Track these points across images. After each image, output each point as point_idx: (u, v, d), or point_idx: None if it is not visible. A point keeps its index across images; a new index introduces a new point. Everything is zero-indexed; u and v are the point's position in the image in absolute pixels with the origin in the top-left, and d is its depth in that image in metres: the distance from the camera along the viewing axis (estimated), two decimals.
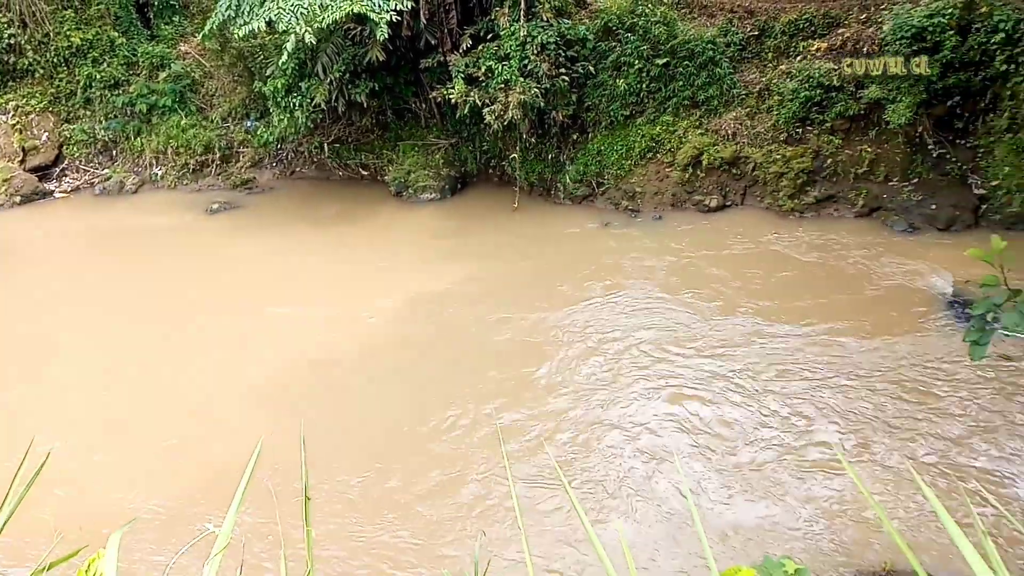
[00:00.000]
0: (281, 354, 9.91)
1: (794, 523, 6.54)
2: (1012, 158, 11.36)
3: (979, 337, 4.27)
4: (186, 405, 8.94)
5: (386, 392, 8.91)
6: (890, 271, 10.49)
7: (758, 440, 7.51)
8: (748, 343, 9.20)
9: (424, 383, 9.01)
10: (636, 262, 11.61)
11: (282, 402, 8.82)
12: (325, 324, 10.65)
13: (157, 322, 11.08)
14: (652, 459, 7.37)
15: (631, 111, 13.88)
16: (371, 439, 8.07)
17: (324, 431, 8.13)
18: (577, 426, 7.92)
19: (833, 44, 12.79)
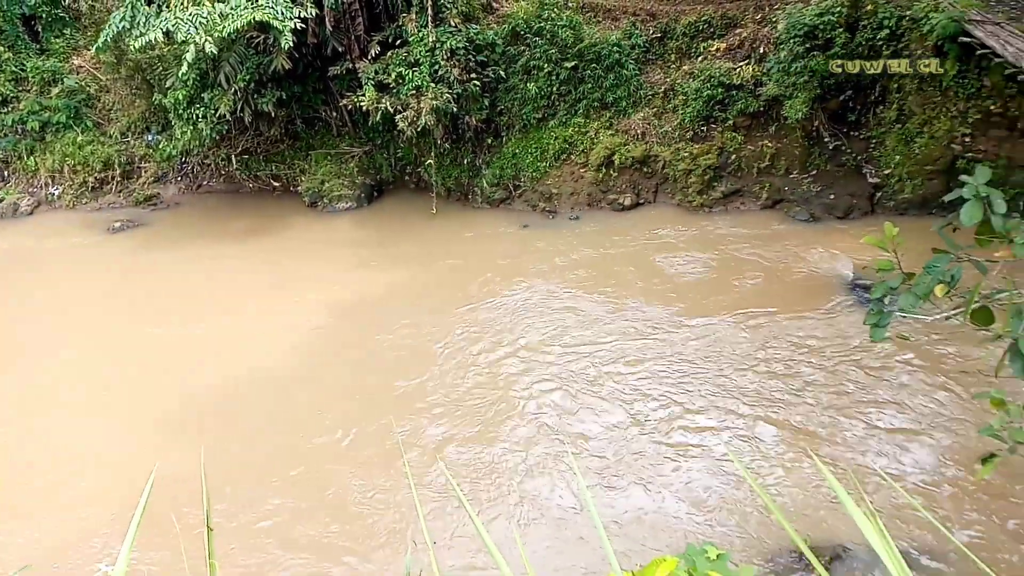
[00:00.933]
0: (191, 375, 9.56)
1: (713, 507, 6.74)
2: (902, 147, 12.03)
3: (878, 319, 4.47)
4: (88, 434, 8.52)
5: (297, 410, 8.65)
6: (794, 259, 10.96)
7: (660, 431, 7.70)
8: (657, 333, 9.44)
9: (336, 397, 8.83)
10: (553, 262, 11.74)
11: (190, 427, 8.49)
12: (238, 342, 10.34)
13: (56, 349, 10.52)
14: (545, 458, 7.48)
15: (543, 114, 14.04)
16: (280, 460, 7.80)
17: (233, 455, 7.86)
18: (480, 431, 7.94)
19: (731, 44, 13.28)
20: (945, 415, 7.35)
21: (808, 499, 6.69)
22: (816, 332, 9.07)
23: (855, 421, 7.50)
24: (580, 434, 7.78)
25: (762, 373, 8.45)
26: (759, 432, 7.57)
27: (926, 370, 7.99)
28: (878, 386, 7.94)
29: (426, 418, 8.22)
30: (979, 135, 11.49)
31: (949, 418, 7.30)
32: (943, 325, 6.19)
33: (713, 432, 7.62)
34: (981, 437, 3.93)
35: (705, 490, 6.91)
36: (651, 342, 9.30)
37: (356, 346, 9.95)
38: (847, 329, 8.98)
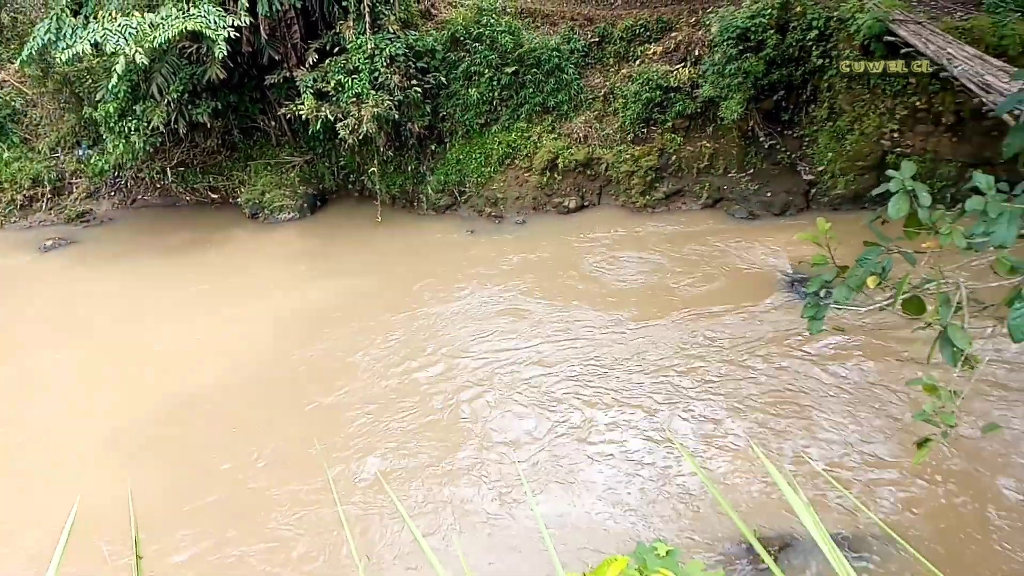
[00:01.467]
0: (125, 398, 9.23)
1: (661, 504, 6.82)
2: (833, 145, 12.42)
3: (815, 312, 4.57)
4: (15, 460, 8.18)
5: (235, 431, 8.41)
6: (735, 257, 11.20)
7: (602, 432, 7.77)
8: (599, 335, 9.53)
9: (274, 416, 8.62)
10: (498, 267, 11.74)
11: (123, 450, 8.21)
12: (177, 360, 10.03)
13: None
14: (479, 466, 7.49)
15: (486, 119, 14.06)
16: (213, 484, 7.58)
17: (166, 481, 7.60)
18: (418, 443, 7.89)
19: (667, 48, 13.52)
20: (881, 402, 7.60)
21: (756, 491, 6.83)
22: (756, 327, 9.28)
23: (796, 413, 7.69)
24: (515, 440, 7.79)
25: (704, 369, 8.60)
26: (704, 428, 7.70)
27: (863, 360, 8.25)
28: (817, 377, 8.16)
29: (368, 432, 8.08)
30: (906, 131, 11.94)
31: (885, 405, 7.54)
32: (877, 316, 6.38)
33: (657, 430, 7.71)
34: (916, 422, 4.06)
35: (650, 488, 6.99)
36: (592, 343, 9.37)
37: (299, 361, 9.74)
38: (786, 323, 9.21)
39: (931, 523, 6.25)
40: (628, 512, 6.78)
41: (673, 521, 6.64)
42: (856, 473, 6.84)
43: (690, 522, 6.62)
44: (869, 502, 6.45)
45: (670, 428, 7.73)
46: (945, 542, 6.07)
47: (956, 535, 6.10)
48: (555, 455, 7.49)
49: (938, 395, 3.70)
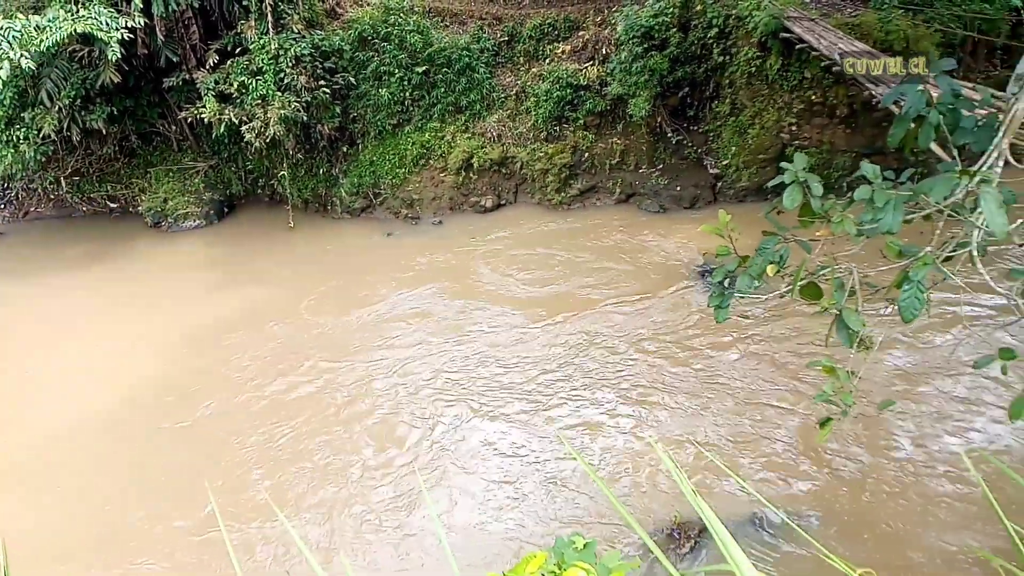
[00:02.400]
0: (18, 423, 8.68)
1: (580, 496, 6.90)
2: (736, 139, 12.86)
3: (720, 302, 4.70)
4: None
5: (115, 462, 7.97)
6: (648, 249, 11.45)
7: (509, 427, 7.83)
8: (513, 332, 9.59)
9: (168, 442, 8.22)
10: (416, 269, 11.63)
11: (17, 481, 7.73)
12: (71, 383, 9.46)
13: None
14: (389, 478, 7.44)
15: (398, 120, 13.89)
16: (91, 521, 7.21)
17: (43, 521, 7.20)
18: (326, 456, 7.76)
19: (576, 46, 13.70)
20: (784, 385, 7.91)
21: (670, 480, 6.98)
22: (666, 316, 9.51)
23: (704, 399, 7.91)
24: (415, 446, 7.72)
25: (614, 359, 8.74)
26: (614, 418, 7.82)
27: (767, 345, 8.56)
28: (724, 364, 8.42)
29: (261, 451, 7.85)
30: (804, 124, 12.47)
31: (788, 388, 7.85)
32: (779, 302, 6.64)
33: (569, 426, 7.80)
34: (817, 403, 4.23)
35: (570, 482, 7.06)
36: (501, 342, 9.39)
37: (197, 378, 9.32)
38: (694, 312, 9.48)
39: (833, 497, 6.54)
40: (543, 508, 6.82)
41: (598, 513, 6.73)
42: (761, 454, 7.08)
43: (631, 510, 6.71)
44: (779, 481, 6.70)
45: (576, 422, 7.81)
46: (847, 515, 6.36)
47: (858, 507, 6.40)
48: (458, 462, 7.46)
49: (836, 376, 3.86)
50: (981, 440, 6.77)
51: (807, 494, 6.59)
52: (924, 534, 5.99)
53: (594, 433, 7.64)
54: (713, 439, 7.36)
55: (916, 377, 7.57)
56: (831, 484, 6.65)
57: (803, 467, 6.82)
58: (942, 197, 3.44)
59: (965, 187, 3.51)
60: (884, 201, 3.55)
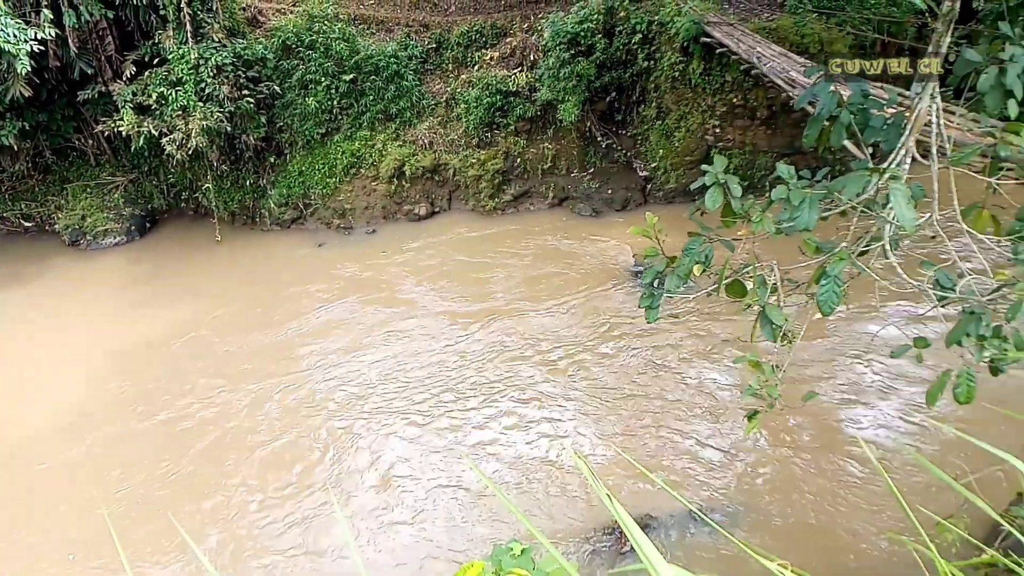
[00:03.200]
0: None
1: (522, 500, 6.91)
2: (663, 142, 13.12)
3: (650, 302, 4.77)
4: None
5: (16, 510, 7.57)
6: (581, 251, 11.57)
7: (443, 435, 7.82)
8: (443, 339, 9.56)
9: (71, 494, 7.71)
10: (349, 280, 11.46)
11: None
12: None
13: None
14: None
15: (327, 128, 13.67)
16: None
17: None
18: (244, 478, 7.61)
19: (504, 53, 13.76)
20: (713, 381, 8.10)
21: (613, 479, 7.06)
22: (598, 318, 9.63)
23: (632, 397, 8.04)
24: (338, 470, 7.63)
25: (544, 363, 8.80)
26: (539, 424, 7.85)
27: (695, 342, 8.76)
28: (656, 362, 8.57)
29: (175, 482, 7.59)
30: (727, 126, 12.83)
31: (717, 384, 8.05)
32: (707, 300, 6.78)
33: (488, 440, 7.81)
34: (745, 397, 4.33)
35: (486, 494, 7.07)
36: (436, 348, 9.36)
37: (113, 408, 8.93)
38: (626, 312, 9.61)
39: (756, 489, 6.72)
40: (461, 520, 6.80)
41: (553, 516, 6.74)
42: (688, 451, 7.23)
43: (564, 514, 6.73)
44: (705, 477, 6.85)
45: (499, 430, 7.83)
46: (769, 505, 6.54)
47: (779, 496, 6.59)
48: (429, 460, 7.39)
49: (762, 370, 3.96)
50: (899, 427, 7.07)
51: (731, 487, 6.75)
52: (841, 519, 6.20)
53: (523, 437, 7.65)
54: (641, 438, 7.46)
55: (837, 368, 7.87)
56: (754, 476, 6.84)
57: (728, 461, 6.99)
58: (854, 194, 3.57)
59: (875, 184, 3.66)
60: (800, 200, 3.67)
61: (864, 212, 3.87)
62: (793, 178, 3.81)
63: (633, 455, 7.30)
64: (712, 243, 4.13)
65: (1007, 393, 6.83)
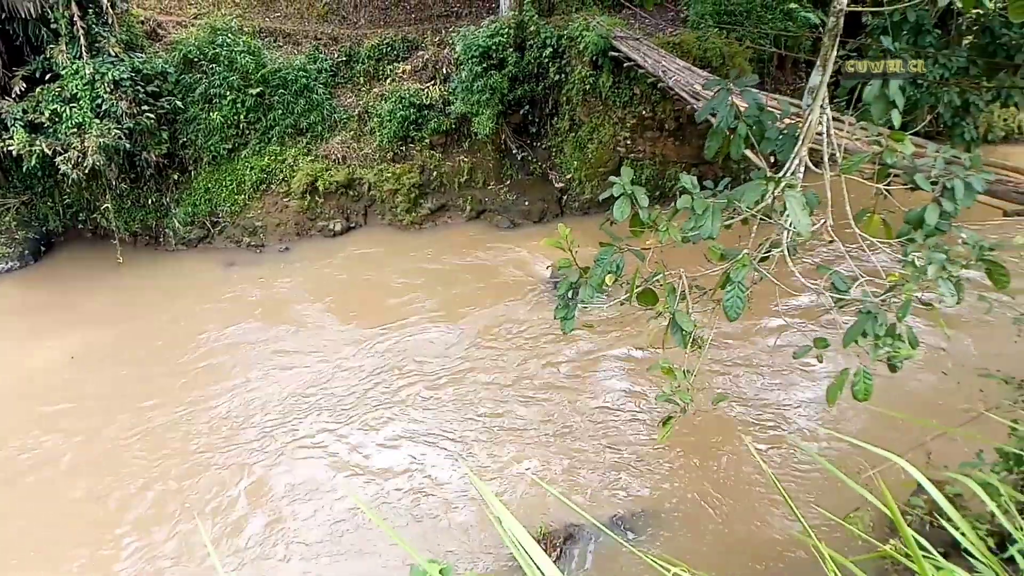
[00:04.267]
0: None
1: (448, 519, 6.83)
2: (577, 154, 13.34)
3: (565, 313, 4.80)
4: None
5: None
6: (499, 264, 11.60)
7: (344, 455, 7.68)
8: (357, 357, 9.40)
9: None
10: (261, 300, 11.09)
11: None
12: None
13: None
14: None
15: (234, 144, 13.25)
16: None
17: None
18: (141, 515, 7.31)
19: (416, 66, 13.71)
20: (627, 389, 8.23)
21: (534, 494, 7.06)
22: (515, 329, 9.66)
23: (550, 407, 8.09)
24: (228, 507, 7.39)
25: (453, 379, 8.75)
26: (452, 439, 7.79)
27: (610, 351, 8.89)
28: (570, 372, 8.64)
29: (63, 532, 7.17)
30: (637, 137, 13.16)
31: (631, 392, 8.18)
32: (620, 309, 6.91)
33: (420, 451, 7.73)
34: (658, 402, 4.40)
35: (425, 506, 6.98)
36: (339, 368, 9.16)
37: (18, 446, 8.37)
38: (542, 324, 9.67)
39: (664, 495, 6.85)
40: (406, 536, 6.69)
41: (463, 536, 6.67)
42: (608, 459, 7.32)
43: (478, 532, 6.68)
44: (629, 484, 6.94)
45: (430, 439, 7.75)
46: (677, 510, 6.68)
47: (687, 501, 6.75)
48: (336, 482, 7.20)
49: (674, 376, 4.03)
50: (805, 425, 7.37)
51: (646, 495, 6.86)
52: (750, 521, 6.39)
53: (426, 459, 7.55)
54: (554, 449, 7.50)
55: (745, 372, 8.14)
56: (669, 482, 6.98)
57: (644, 468, 7.10)
58: (753, 203, 3.70)
59: (772, 193, 3.80)
60: (703, 209, 3.77)
61: (764, 219, 4.01)
62: (696, 188, 3.91)
63: (546, 467, 7.32)
64: (623, 253, 4.19)
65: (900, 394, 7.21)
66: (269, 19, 14.74)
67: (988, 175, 4.12)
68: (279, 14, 15.06)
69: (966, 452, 4.74)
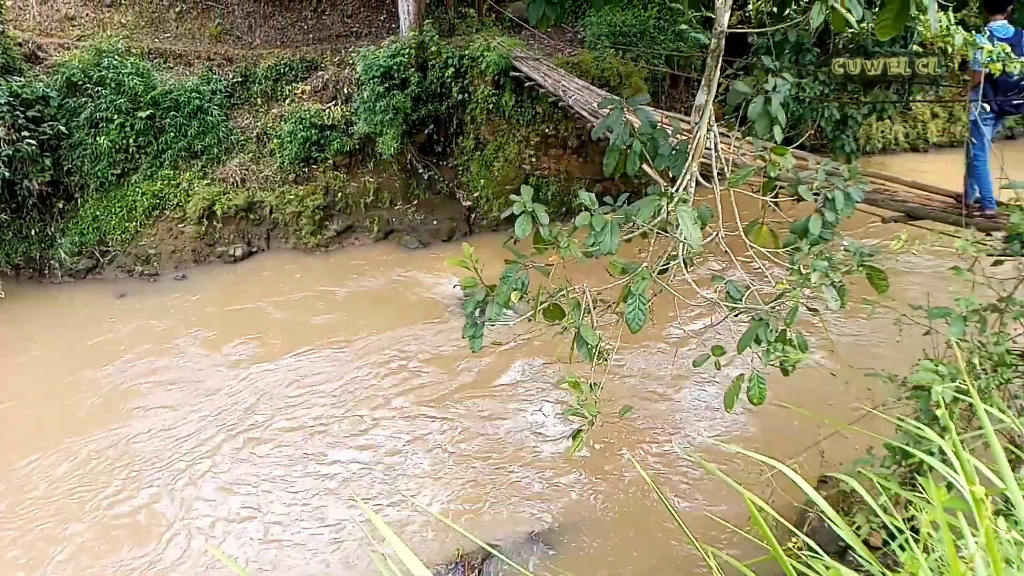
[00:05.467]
0: None
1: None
2: (484, 172, 13.42)
3: (474, 332, 4.79)
4: None
5: None
6: (409, 285, 11.49)
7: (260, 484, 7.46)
8: (261, 382, 9.13)
9: None
10: (156, 333, 10.53)
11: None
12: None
13: None
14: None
15: (123, 169, 12.63)
16: None
17: None
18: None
19: (316, 86, 13.49)
20: (536, 406, 8.29)
21: (461, 510, 7.00)
22: (425, 349, 9.57)
23: (456, 425, 8.05)
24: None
25: (362, 402, 8.58)
26: (368, 462, 7.66)
27: (519, 368, 8.94)
28: (485, 392, 8.64)
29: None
30: (542, 155, 13.37)
31: (541, 407, 8.24)
32: (528, 326, 6.97)
33: (334, 469, 7.56)
34: (567, 416, 4.45)
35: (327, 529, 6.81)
36: (241, 397, 8.82)
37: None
38: (451, 343, 9.61)
39: (572, 510, 6.93)
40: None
41: None
42: (527, 473, 7.34)
43: None
44: (547, 498, 6.98)
45: (346, 462, 7.58)
46: (583, 526, 6.77)
47: (593, 516, 6.85)
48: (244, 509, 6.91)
49: (580, 390, 4.09)
50: (705, 432, 7.61)
51: (556, 509, 6.91)
52: (657, 529, 6.54)
53: (320, 488, 7.39)
54: (462, 470, 7.46)
55: (649, 382, 8.35)
56: (579, 495, 7.05)
57: (554, 483, 7.16)
58: (648, 218, 3.80)
59: (667, 207, 3.92)
60: (602, 225, 3.85)
61: (661, 233, 4.13)
62: (595, 205, 4.00)
63: (460, 490, 7.26)
64: (528, 270, 4.22)
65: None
66: (159, 40, 14.21)
67: (866, 185, 4.40)
68: (169, 35, 14.54)
69: (857, 450, 5.00)
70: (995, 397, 4.40)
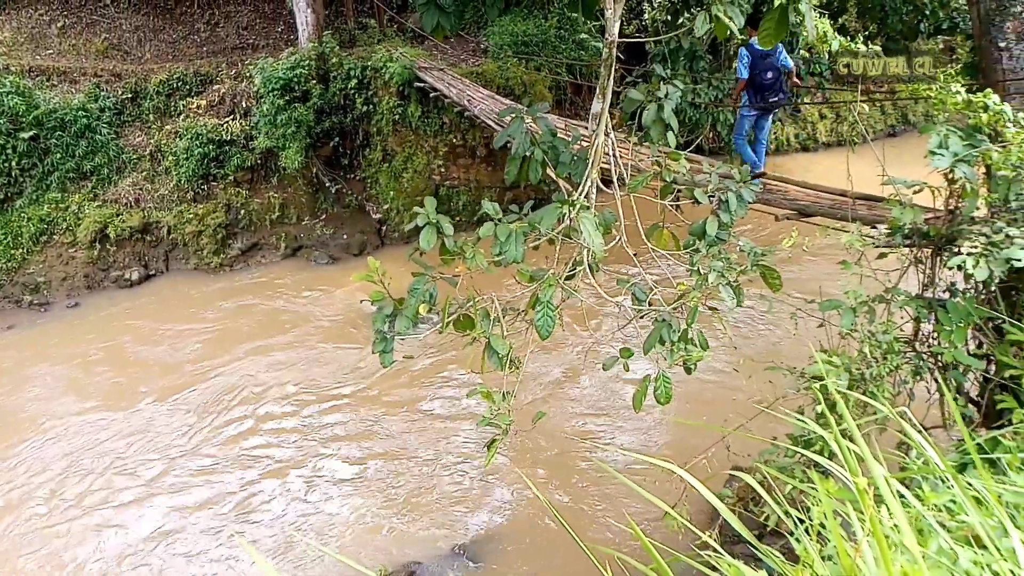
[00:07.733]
0: None
1: None
2: (393, 184, 13.28)
3: (383, 346, 4.71)
4: None
5: None
6: (320, 301, 11.21)
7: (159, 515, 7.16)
8: (156, 410, 8.74)
9: None
10: (45, 367, 9.87)
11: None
12: None
13: None
14: None
15: (6, 194, 11.88)
16: None
17: None
18: None
19: (212, 101, 13.04)
20: (452, 416, 8.23)
21: (369, 533, 6.86)
22: (336, 366, 9.35)
23: (372, 441, 7.92)
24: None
25: (260, 429, 8.31)
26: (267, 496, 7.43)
27: (434, 379, 8.84)
28: (398, 407, 8.49)
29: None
30: (450, 165, 13.34)
31: (456, 419, 8.18)
32: (440, 338, 6.87)
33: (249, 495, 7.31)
34: (480, 426, 4.42)
35: None
36: (132, 431, 8.36)
37: None
38: (362, 359, 9.42)
39: (509, 512, 6.95)
40: None
41: None
42: (446, 486, 7.28)
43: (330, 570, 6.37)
44: (469, 509, 6.94)
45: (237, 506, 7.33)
46: (520, 529, 6.78)
47: (530, 517, 6.87)
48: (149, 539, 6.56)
49: (492, 400, 4.08)
50: (622, 436, 7.75)
51: (479, 520, 6.88)
52: (581, 531, 6.60)
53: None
54: (379, 487, 7.35)
55: (562, 388, 8.44)
56: (502, 505, 7.05)
57: (474, 494, 7.13)
58: (551, 226, 3.84)
59: (569, 215, 3.97)
60: (506, 235, 3.86)
61: (567, 239, 4.18)
62: (499, 214, 4.01)
63: (378, 508, 7.12)
64: (435, 281, 4.19)
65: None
66: (40, 57, 13.42)
67: (756, 186, 4.58)
68: (52, 51, 13.75)
69: (764, 440, 5.18)
70: (886, 384, 4.64)
